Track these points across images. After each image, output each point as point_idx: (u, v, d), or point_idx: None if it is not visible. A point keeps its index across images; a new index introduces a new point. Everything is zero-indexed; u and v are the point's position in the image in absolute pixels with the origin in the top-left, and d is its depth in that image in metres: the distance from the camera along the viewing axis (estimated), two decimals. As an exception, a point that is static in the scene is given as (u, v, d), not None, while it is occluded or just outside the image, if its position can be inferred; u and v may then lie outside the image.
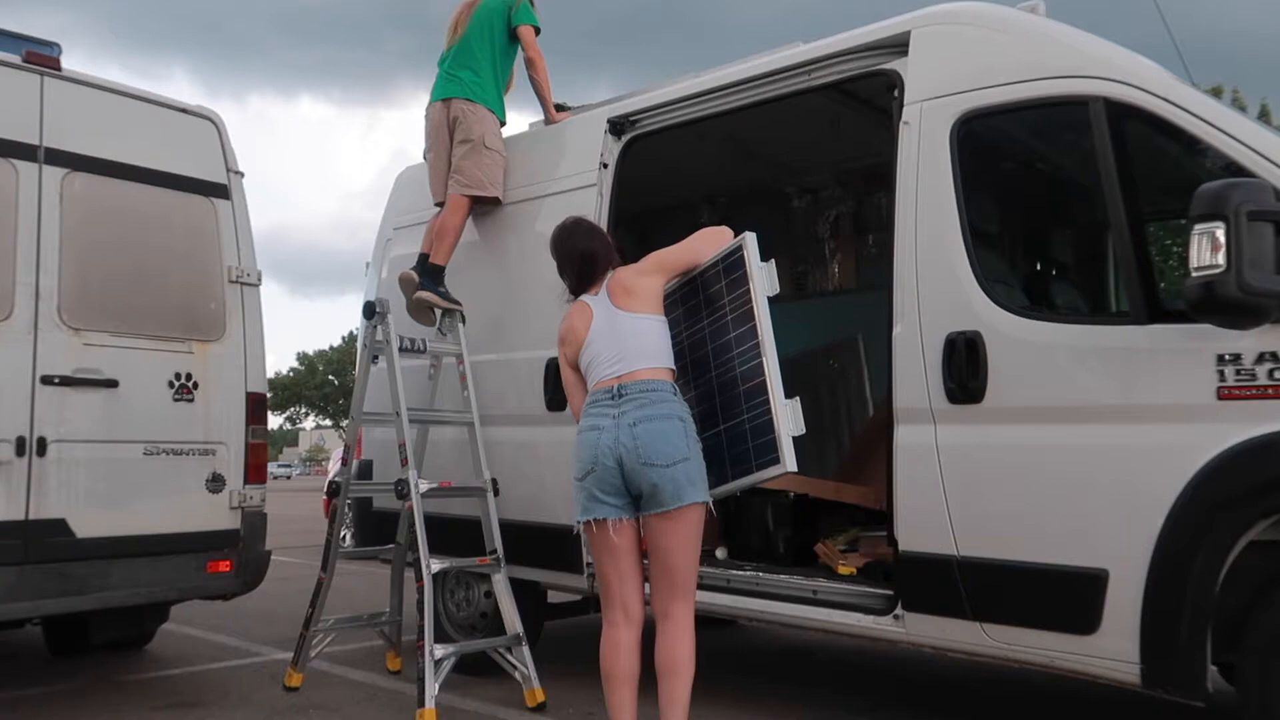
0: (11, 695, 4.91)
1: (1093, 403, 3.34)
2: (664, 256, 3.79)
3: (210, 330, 4.94)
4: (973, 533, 3.57)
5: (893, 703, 4.88)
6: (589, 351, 3.59)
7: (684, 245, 3.83)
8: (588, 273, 3.74)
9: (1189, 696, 3.11)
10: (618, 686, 3.44)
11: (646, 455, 3.34)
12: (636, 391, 3.43)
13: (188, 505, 4.75)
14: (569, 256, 3.79)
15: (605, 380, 3.51)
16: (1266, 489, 3.01)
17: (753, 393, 3.50)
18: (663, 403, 3.43)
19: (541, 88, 5.47)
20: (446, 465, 5.13)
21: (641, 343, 3.53)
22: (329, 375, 64.69)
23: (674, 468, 3.35)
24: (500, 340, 5.19)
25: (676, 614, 3.45)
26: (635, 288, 3.64)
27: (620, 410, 3.42)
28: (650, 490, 3.36)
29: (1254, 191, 2.89)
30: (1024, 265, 5.08)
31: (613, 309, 3.60)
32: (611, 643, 3.48)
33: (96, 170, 4.64)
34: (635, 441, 3.34)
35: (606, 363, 3.53)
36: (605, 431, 3.41)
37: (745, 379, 3.54)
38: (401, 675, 5.27)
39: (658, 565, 3.47)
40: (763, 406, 3.45)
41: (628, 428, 3.37)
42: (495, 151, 5.27)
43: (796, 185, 6.54)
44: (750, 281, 3.55)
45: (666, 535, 3.41)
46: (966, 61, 3.79)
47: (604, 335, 3.57)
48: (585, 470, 3.45)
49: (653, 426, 3.37)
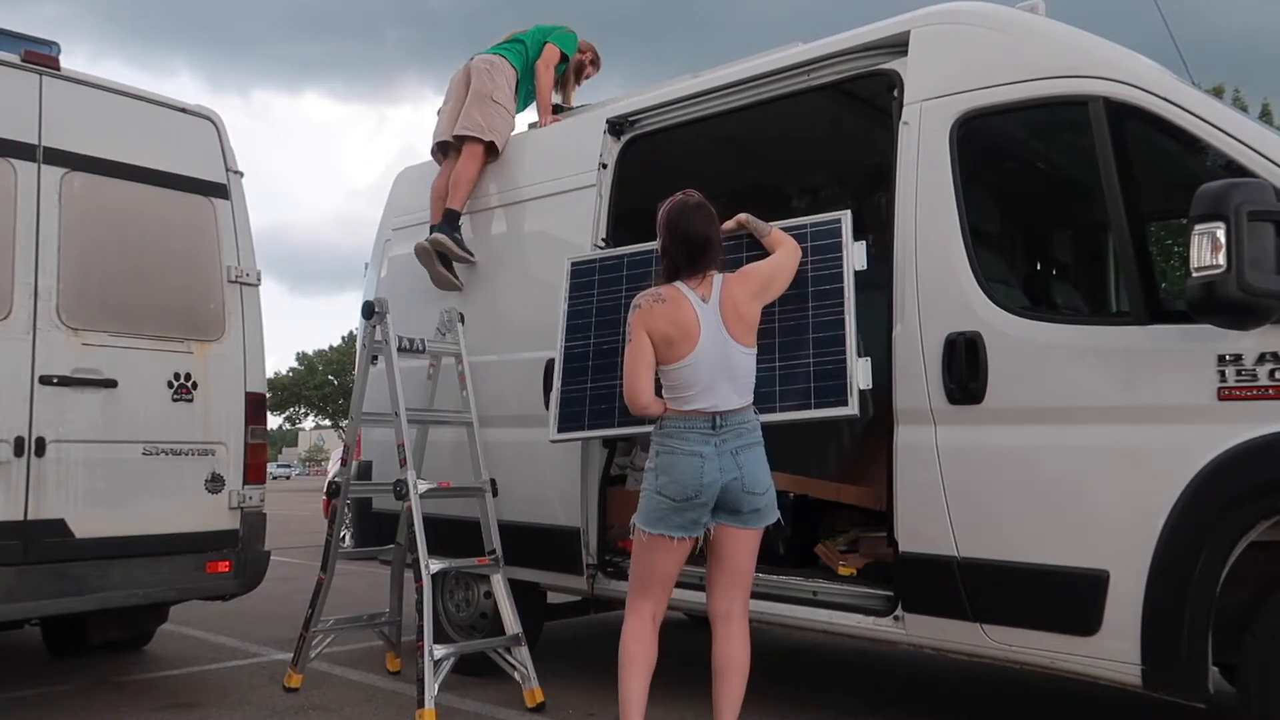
0: (11, 696, 4.91)
1: (1093, 403, 3.33)
2: (768, 283, 3.65)
3: (209, 330, 4.94)
4: (973, 533, 3.57)
5: (893, 703, 4.87)
6: (689, 370, 3.42)
7: (785, 269, 3.74)
8: (697, 262, 3.52)
9: (1190, 698, 3.11)
10: (636, 669, 3.46)
11: (751, 485, 3.43)
12: (735, 423, 3.45)
13: (187, 505, 4.75)
14: (683, 239, 3.52)
15: (704, 410, 3.43)
16: (1267, 490, 3.00)
17: (826, 341, 3.76)
18: (754, 431, 3.50)
19: (542, 90, 5.66)
20: (445, 466, 5.12)
21: (746, 381, 3.51)
22: (328, 375, 64.61)
23: (767, 493, 3.49)
24: (500, 340, 5.19)
25: (738, 614, 3.55)
26: (749, 315, 3.51)
27: (721, 439, 3.42)
28: (749, 512, 3.46)
29: (1255, 191, 2.89)
30: (1024, 265, 5.08)
31: (727, 338, 3.45)
32: (636, 630, 3.51)
33: (95, 170, 4.63)
34: (740, 470, 3.42)
35: (708, 392, 3.42)
36: (709, 460, 3.39)
37: (818, 329, 3.80)
38: (401, 676, 5.27)
39: (727, 569, 3.54)
40: (836, 355, 3.73)
41: (730, 456, 3.41)
42: (501, 105, 5.48)
43: (796, 185, 6.53)
44: (844, 250, 3.84)
45: (741, 553, 3.53)
46: (966, 61, 3.78)
47: (712, 363, 3.43)
48: (687, 495, 3.40)
49: (751, 455, 3.46)
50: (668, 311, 3.45)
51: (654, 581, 3.54)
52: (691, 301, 3.47)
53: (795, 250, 3.82)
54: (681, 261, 3.54)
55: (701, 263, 3.52)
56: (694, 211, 3.56)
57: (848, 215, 3.91)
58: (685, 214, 3.56)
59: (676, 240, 3.54)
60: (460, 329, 5.15)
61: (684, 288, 3.50)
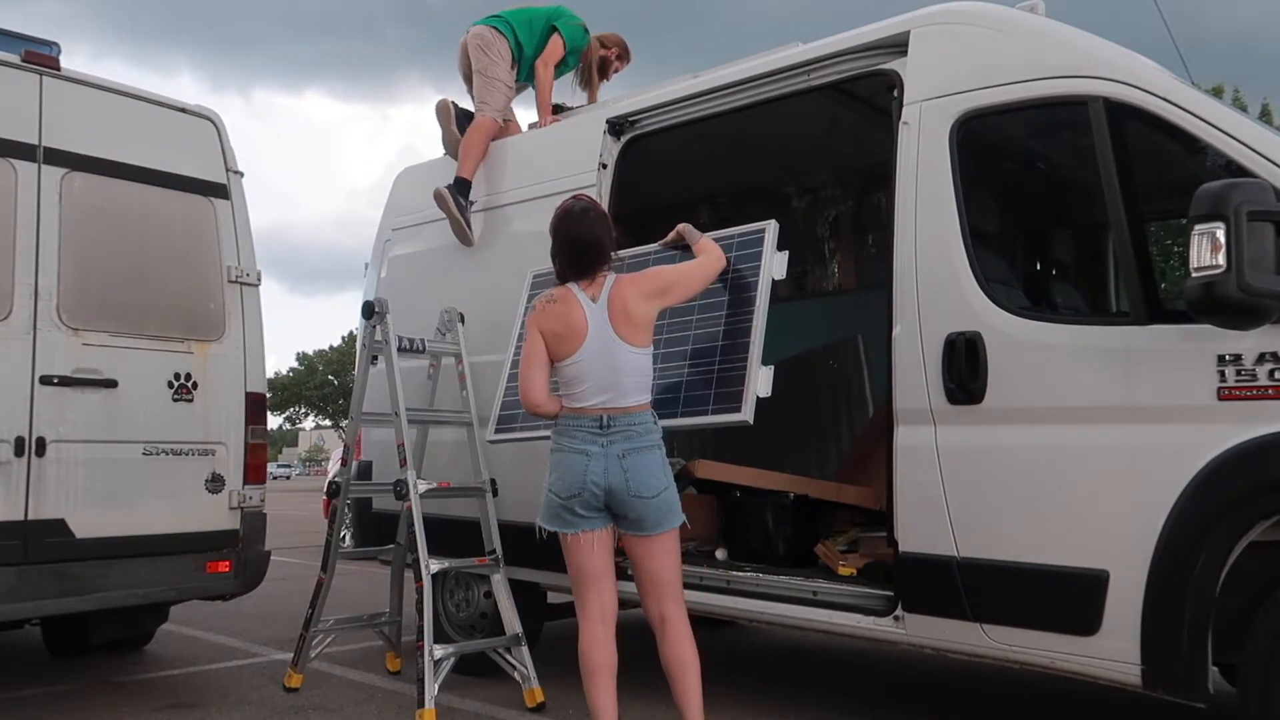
0: (11, 695, 4.91)
1: (1093, 403, 3.33)
2: (669, 287, 3.65)
3: (209, 330, 4.94)
4: (973, 533, 3.57)
5: (893, 703, 4.87)
6: (576, 368, 3.51)
7: (693, 277, 3.74)
8: (585, 263, 3.59)
9: (1190, 698, 3.10)
10: (600, 679, 3.50)
11: (636, 488, 3.44)
12: (624, 424, 3.47)
13: (187, 505, 4.75)
14: (569, 242, 3.62)
15: (591, 408, 3.48)
16: (1267, 490, 3.00)
17: (733, 349, 3.82)
18: (647, 434, 3.51)
19: (542, 90, 5.67)
20: (446, 466, 5.12)
21: (635, 380, 3.52)
22: (329, 375, 64.59)
23: (659, 498, 3.48)
24: (500, 340, 5.17)
25: (673, 616, 3.54)
26: (637, 315, 3.53)
27: (608, 439, 3.45)
28: (637, 517, 3.48)
29: (1254, 192, 2.89)
30: (1024, 265, 5.07)
31: (612, 335, 3.50)
32: (590, 638, 3.54)
33: (96, 170, 4.64)
34: (625, 474, 3.43)
35: (595, 390, 3.49)
36: (594, 459, 3.44)
37: (728, 336, 3.86)
38: (401, 676, 5.27)
39: (647, 579, 3.56)
40: (739, 362, 3.77)
41: (616, 459, 3.43)
42: (494, 79, 5.62)
43: (796, 185, 6.53)
44: (763, 258, 3.90)
45: (653, 557, 3.54)
46: (966, 61, 3.78)
47: (598, 361, 3.49)
48: (571, 493, 3.47)
49: (640, 459, 3.46)
50: (558, 310, 3.55)
51: (583, 580, 3.57)
52: (581, 301, 3.55)
53: (715, 260, 3.84)
54: (570, 263, 3.63)
55: (590, 265, 3.60)
56: (579, 216, 3.66)
57: (773, 225, 3.99)
58: (570, 219, 3.66)
59: (563, 243, 3.64)
60: (460, 329, 5.16)
61: (575, 289, 3.59)
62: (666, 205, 6.56)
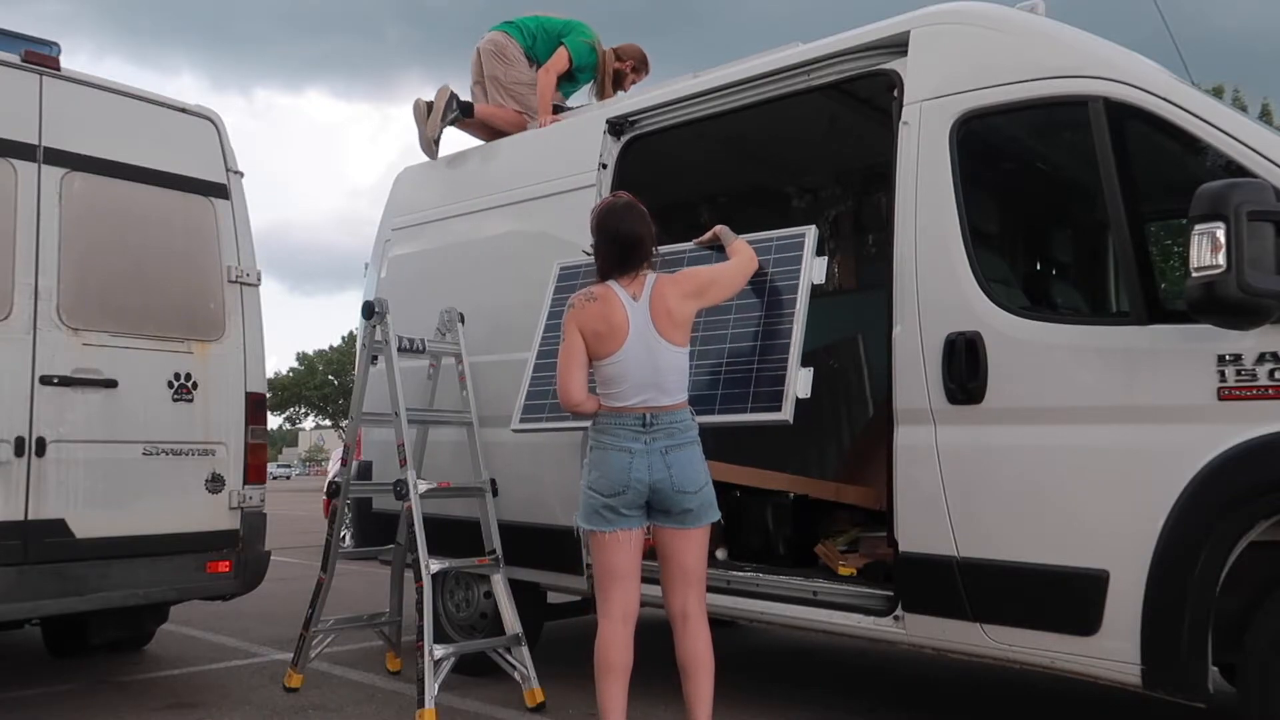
0: (11, 696, 4.91)
1: (1093, 403, 3.33)
2: (707, 287, 3.64)
3: (210, 330, 4.94)
4: (973, 533, 3.57)
5: (893, 703, 4.87)
6: (617, 367, 3.48)
7: (730, 278, 3.75)
8: (628, 260, 3.56)
9: (1190, 698, 3.10)
10: (614, 678, 3.48)
11: (680, 483, 3.45)
12: (666, 422, 3.48)
13: (187, 505, 4.75)
14: (613, 238, 3.57)
15: (633, 407, 3.47)
16: (1267, 489, 3.00)
17: (772, 349, 3.86)
18: (687, 430, 3.52)
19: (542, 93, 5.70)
20: (446, 466, 5.12)
21: (675, 379, 3.52)
22: (329, 375, 64.59)
23: (701, 493, 3.50)
24: (500, 340, 5.18)
25: (695, 612, 3.55)
26: (679, 315, 3.52)
27: (651, 437, 3.46)
28: (681, 512, 3.49)
29: (1254, 191, 2.89)
30: (1024, 265, 5.07)
31: (654, 335, 3.47)
32: (609, 636, 3.52)
33: (96, 170, 4.64)
34: (669, 470, 3.44)
35: (636, 389, 3.47)
36: (638, 456, 3.44)
37: (767, 336, 3.91)
38: (401, 676, 5.27)
39: (676, 570, 3.55)
40: (779, 362, 3.81)
41: (660, 455, 3.44)
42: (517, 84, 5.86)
43: (796, 185, 6.53)
44: (803, 263, 3.98)
45: (688, 551, 3.55)
46: (966, 61, 3.78)
47: (640, 360, 3.47)
48: (615, 490, 3.45)
49: (682, 455, 3.47)
50: (599, 309, 3.52)
51: (612, 579, 3.55)
52: (622, 299, 3.52)
53: (748, 261, 3.86)
54: (613, 261, 3.59)
55: (632, 262, 3.57)
56: (624, 211, 3.62)
57: (813, 230, 4.07)
58: (615, 214, 3.63)
59: (607, 240, 3.60)
60: (460, 329, 5.16)
61: (616, 286, 3.56)
62: (667, 205, 6.57)
